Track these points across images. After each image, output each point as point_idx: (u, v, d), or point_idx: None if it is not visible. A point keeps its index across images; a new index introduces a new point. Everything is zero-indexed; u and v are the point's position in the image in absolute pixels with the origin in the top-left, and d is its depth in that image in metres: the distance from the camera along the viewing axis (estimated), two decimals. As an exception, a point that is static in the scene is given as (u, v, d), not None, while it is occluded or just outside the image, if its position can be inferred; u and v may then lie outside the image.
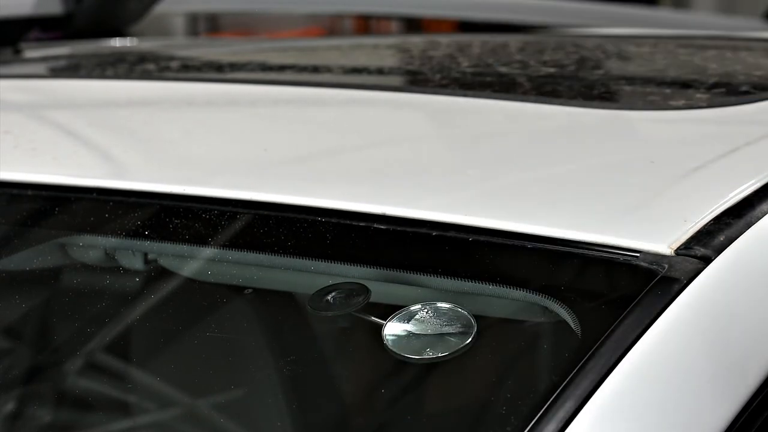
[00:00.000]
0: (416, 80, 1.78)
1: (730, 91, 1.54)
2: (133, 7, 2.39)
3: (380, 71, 1.88)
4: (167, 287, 1.21)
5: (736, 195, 1.09)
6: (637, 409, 0.92)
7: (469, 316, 1.02)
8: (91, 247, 1.26)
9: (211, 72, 1.93)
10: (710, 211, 1.06)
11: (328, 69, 1.97)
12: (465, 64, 1.81)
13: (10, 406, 1.16)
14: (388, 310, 1.04)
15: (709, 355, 0.96)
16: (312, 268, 1.12)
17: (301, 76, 1.87)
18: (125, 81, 1.78)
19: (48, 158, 1.37)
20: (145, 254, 1.22)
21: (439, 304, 1.03)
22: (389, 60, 2.22)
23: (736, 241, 1.03)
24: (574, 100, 1.47)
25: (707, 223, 1.05)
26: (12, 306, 1.26)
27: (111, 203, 1.24)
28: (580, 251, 1.04)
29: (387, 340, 1.02)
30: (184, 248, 1.20)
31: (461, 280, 1.06)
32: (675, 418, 0.92)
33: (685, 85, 1.59)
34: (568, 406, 0.91)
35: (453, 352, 1.00)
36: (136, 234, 1.21)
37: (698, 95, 1.49)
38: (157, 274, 1.22)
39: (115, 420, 1.15)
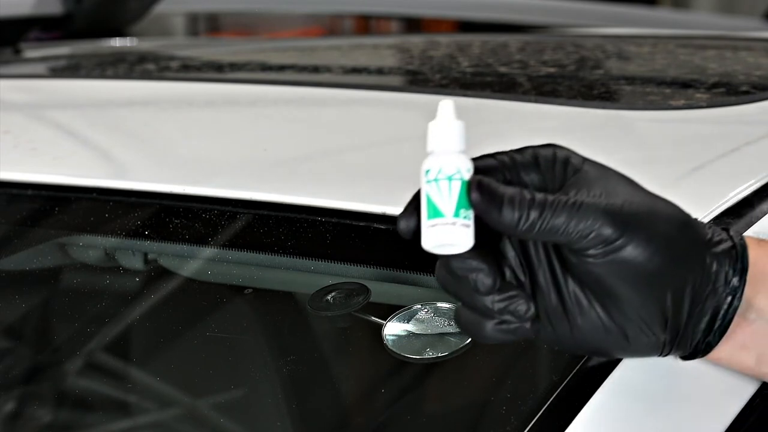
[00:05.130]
0: (416, 80, 1.77)
1: (730, 91, 1.54)
2: (133, 7, 2.39)
3: (380, 71, 1.88)
4: (167, 287, 1.21)
5: (736, 195, 1.09)
6: (637, 409, 0.91)
7: (469, 316, 1.01)
8: (91, 247, 1.26)
9: (211, 72, 1.93)
10: (710, 211, 1.06)
11: (328, 69, 1.97)
12: (465, 64, 1.81)
13: (10, 406, 1.16)
14: (388, 310, 1.04)
15: (709, 355, 0.96)
16: (312, 268, 1.12)
17: (301, 76, 1.87)
18: (125, 81, 1.78)
19: (48, 158, 1.37)
20: (145, 254, 1.22)
21: (439, 304, 1.03)
22: (389, 60, 2.21)
23: (735, 241, 1.03)
24: (574, 100, 1.47)
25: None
26: (12, 306, 1.26)
27: (111, 203, 1.24)
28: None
29: (387, 340, 1.01)
30: (184, 248, 1.20)
31: (461, 280, 1.05)
32: (676, 418, 0.92)
33: (685, 85, 1.58)
34: (567, 406, 0.91)
35: (453, 352, 1.00)
36: (136, 234, 1.21)
37: (698, 95, 1.49)
38: (157, 274, 1.22)
39: (115, 420, 1.14)
